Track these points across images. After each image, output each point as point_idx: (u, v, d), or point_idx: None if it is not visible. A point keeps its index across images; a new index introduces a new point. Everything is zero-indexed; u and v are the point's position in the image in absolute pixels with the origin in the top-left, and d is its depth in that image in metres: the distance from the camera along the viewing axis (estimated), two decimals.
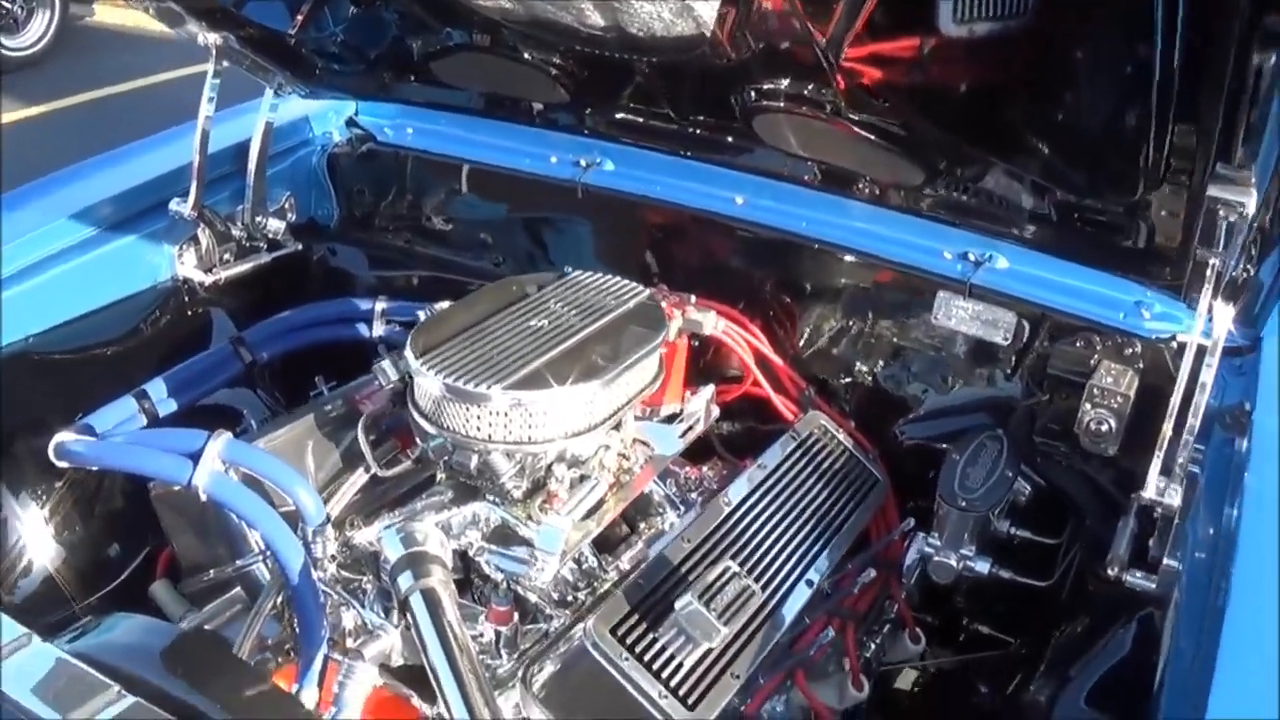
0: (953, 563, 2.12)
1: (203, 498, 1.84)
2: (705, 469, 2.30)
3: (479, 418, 1.85)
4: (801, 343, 2.47)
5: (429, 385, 1.87)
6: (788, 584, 2.02)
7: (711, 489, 2.21)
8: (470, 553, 1.92)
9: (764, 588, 1.95)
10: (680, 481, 2.24)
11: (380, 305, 2.57)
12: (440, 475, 2.00)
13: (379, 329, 2.57)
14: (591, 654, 1.74)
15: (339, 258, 2.85)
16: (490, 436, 1.86)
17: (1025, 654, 2.21)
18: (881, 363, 2.43)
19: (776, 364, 2.41)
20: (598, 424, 1.92)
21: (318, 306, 2.61)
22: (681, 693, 1.75)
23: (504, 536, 1.90)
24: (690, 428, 2.15)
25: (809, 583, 2.04)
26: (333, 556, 1.88)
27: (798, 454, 2.26)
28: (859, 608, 2.17)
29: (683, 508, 2.14)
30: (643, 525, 2.12)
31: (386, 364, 1.98)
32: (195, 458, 1.84)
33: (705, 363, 2.43)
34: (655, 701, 1.72)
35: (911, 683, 2.33)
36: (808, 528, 2.13)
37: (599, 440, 1.96)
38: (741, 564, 1.91)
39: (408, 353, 1.91)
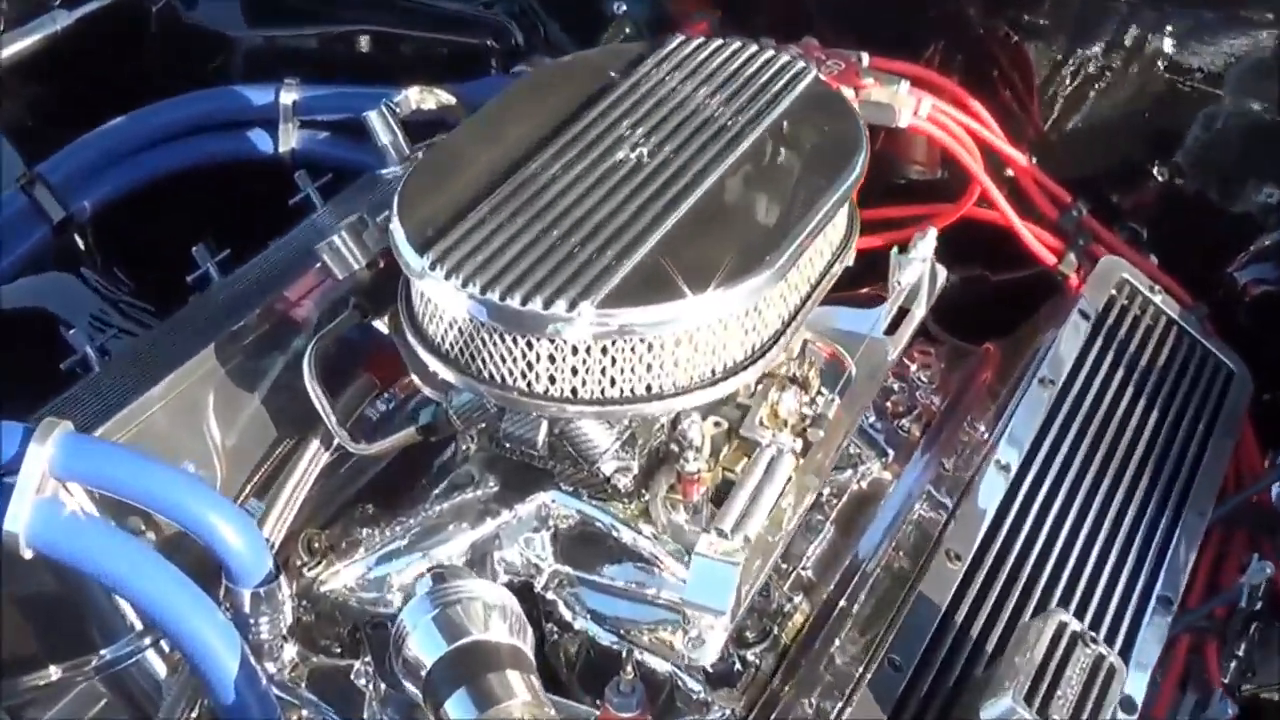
0: None
1: (26, 554, 1.45)
2: (914, 367, 1.99)
3: (552, 359, 1.50)
4: (1047, 121, 2.27)
5: (451, 304, 1.54)
6: (1129, 611, 1.71)
7: (930, 406, 1.91)
8: (537, 586, 1.65)
9: (1094, 626, 1.63)
10: (875, 398, 1.90)
11: (289, 96, 2.27)
12: (467, 446, 1.72)
13: (290, 138, 2.28)
14: None
15: (199, 9, 2.60)
16: (575, 391, 1.52)
17: None
18: (1200, 153, 2.22)
19: (1017, 163, 2.13)
20: (765, 347, 1.58)
21: (174, 104, 2.29)
22: None
23: (596, 551, 1.64)
24: (903, 311, 1.80)
25: (1165, 602, 1.74)
26: (289, 630, 1.57)
27: (1098, 346, 1.94)
28: (1217, 612, 1.83)
29: (890, 450, 1.86)
30: (825, 491, 1.80)
31: (339, 240, 1.67)
32: (6, 478, 1.45)
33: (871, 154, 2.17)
34: None
35: None
36: (1141, 491, 1.81)
37: (765, 369, 1.62)
38: (1048, 592, 1.65)
39: (396, 236, 1.56)
